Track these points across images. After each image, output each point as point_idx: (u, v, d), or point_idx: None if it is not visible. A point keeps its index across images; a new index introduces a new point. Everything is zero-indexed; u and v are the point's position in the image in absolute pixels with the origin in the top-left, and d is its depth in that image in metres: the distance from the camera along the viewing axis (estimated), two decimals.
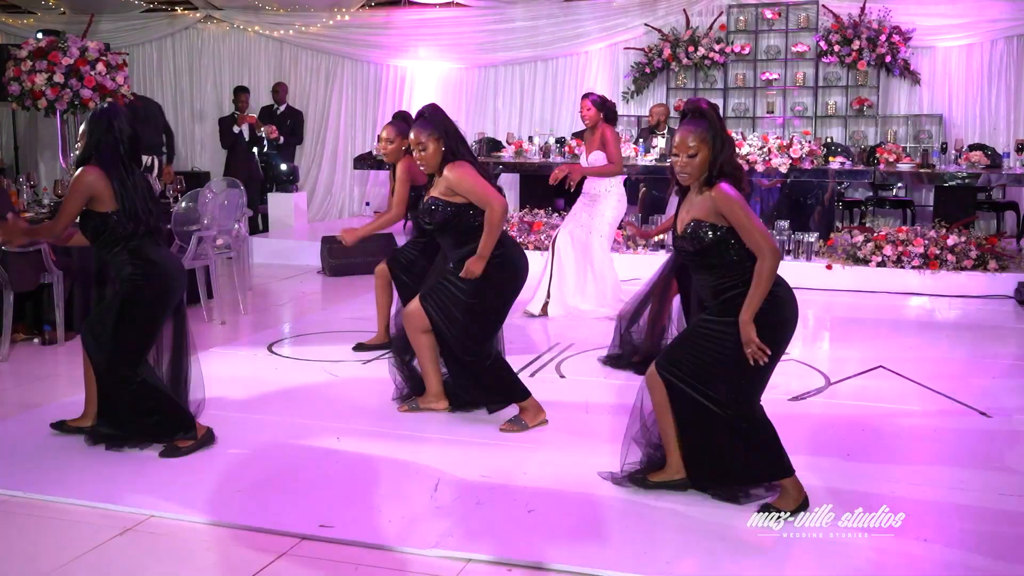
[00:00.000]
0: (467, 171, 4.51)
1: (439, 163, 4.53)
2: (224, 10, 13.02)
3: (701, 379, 3.62)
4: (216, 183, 7.56)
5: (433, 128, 4.52)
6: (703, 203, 3.57)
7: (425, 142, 4.50)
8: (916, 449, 4.62)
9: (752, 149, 9.26)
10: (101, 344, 4.22)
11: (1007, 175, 9.24)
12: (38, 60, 9.43)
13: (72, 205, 4.15)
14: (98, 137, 4.18)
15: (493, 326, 4.67)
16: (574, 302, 7.19)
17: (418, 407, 4.88)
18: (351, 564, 3.30)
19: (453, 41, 12.57)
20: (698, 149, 3.53)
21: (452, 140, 4.54)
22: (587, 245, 7.16)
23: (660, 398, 3.73)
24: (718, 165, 3.53)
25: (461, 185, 4.48)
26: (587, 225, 7.16)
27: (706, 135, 3.53)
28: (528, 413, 4.67)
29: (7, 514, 3.72)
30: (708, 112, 3.58)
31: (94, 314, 4.50)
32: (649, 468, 3.89)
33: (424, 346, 4.75)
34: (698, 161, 3.54)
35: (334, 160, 13.08)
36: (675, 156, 3.60)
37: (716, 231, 3.53)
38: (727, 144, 3.55)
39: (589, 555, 3.35)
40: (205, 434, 4.37)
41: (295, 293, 8.65)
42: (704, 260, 3.59)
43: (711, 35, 11.71)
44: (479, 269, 4.46)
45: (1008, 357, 6.54)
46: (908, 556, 3.37)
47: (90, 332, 4.31)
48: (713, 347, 3.60)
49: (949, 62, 11.37)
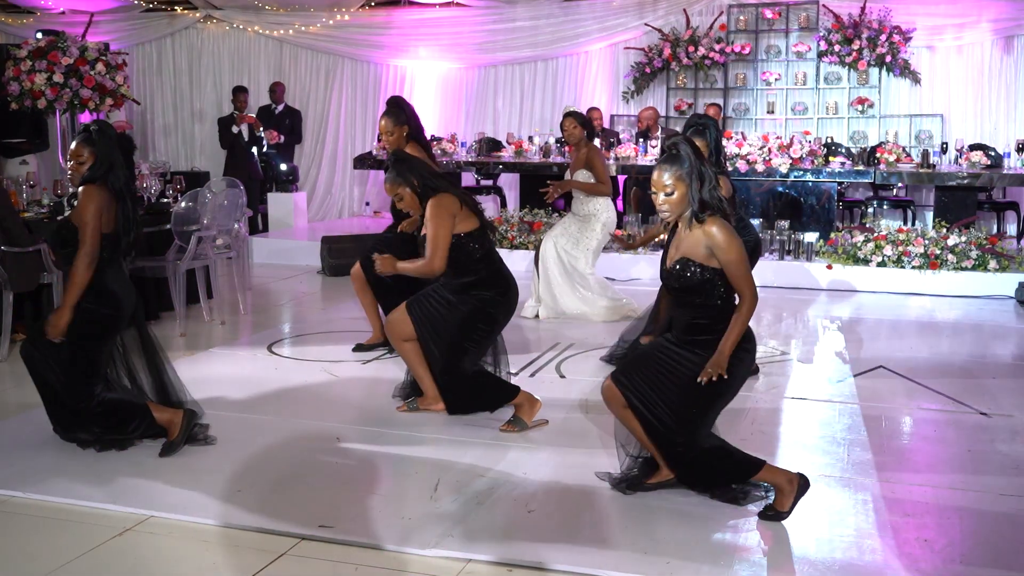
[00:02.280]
0: (437, 212, 4.53)
1: (420, 203, 4.62)
2: (224, 10, 13.02)
3: (650, 399, 3.65)
4: (216, 183, 7.57)
5: (400, 179, 4.62)
6: (694, 241, 3.58)
7: (400, 192, 4.64)
8: (916, 449, 4.62)
9: (752, 149, 9.25)
10: (52, 365, 4.22)
11: (1007, 175, 9.24)
12: (38, 60, 9.44)
13: (94, 229, 4.15)
14: (112, 159, 4.22)
15: (478, 352, 4.71)
16: (566, 306, 7.16)
17: (417, 408, 4.88)
18: (351, 564, 3.30)
19: (453, 41, 12.57)
20: (675, 187, 3.56)
21: (422, 180, 4.62)
22: (573, 260, 7.14)
23: (619, 408, 3.76)
24: (698, 200, 3.54)
25: (428, 224, 4.54)
26: (575, 238, 7.13)
27: (681, 172, 3.54)
28: (523, 409, 4.67)
29: (7, 514, 3.72)
30: (683, 149, 3.59)
31: (38, 336, 4.32)
32: (647, 471, 3.88)
33: (409, 352, 4.77)
34: (676, 198, 3.56)
35: (334, 160, 13.08)
36: (654, 194, 3.63)
37: (704, 272, 3.55)
38: (706, 179, 3.56)
39: (589, 556, 3.35)
40: (184, 416, 4.33)
41: (295, 293, 8.65)
42: (688, 298, 3.62)
43: (711, 35, 11.71)
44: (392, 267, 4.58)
45: (1008, 357, 6.54)
46: (908, 556, 3.37)
47: (38, 352, 4.26)
48: (669, 373, 3.64)
49: (949, 62, 11.37)
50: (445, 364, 4.64)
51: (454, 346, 4.61)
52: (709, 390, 3.56)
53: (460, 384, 4.69)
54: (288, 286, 8.92)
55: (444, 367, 4.65)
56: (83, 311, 4.19)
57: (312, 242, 9.79)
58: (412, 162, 4.73)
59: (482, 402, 4.77)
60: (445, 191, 4.61)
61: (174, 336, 6.54)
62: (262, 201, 11.52)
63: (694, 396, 3.58)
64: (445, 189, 4.63)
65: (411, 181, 4.61)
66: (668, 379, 3.63)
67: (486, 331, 4.68)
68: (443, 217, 4.53)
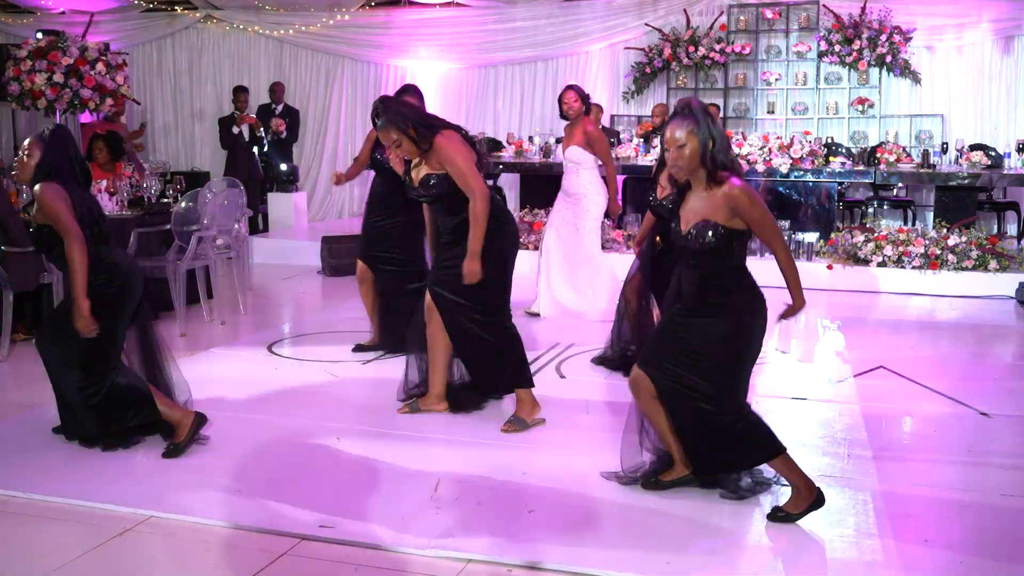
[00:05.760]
0: (457, 146, 4.47)
1: (413, 149, 4.50)
2: (224, 10, 13.02)
3: (688, 381, 3.63)
4: (216, 183, 7.56)
5: (392, 124, 4.47)
6: (713, 202, 3.55)
7: (397, 139, 4.48)
8: (916, 449, 4.62)
9: (752, 149, 9.25)
10: (69, 355, 4.22)
11: (1008, 175, 9.24)
12: (38, 60, 9.42)
13: (68, 216, 4.15)
14: (55, 156, 4.25)
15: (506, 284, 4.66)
16: (561, 296, 7.16)
17: (418, 408, 4.87)
18: (351, 564, 3.30)
19: (453, 41, 12.58)
20: (686, 140, 3.52)
21: (416, 121, 4.50)
22: (577, 247, 7.14)
23: (647, 398, 3.74)
24: (710, 157, 3.52)
25: (453, 163, 4.44)
26: (573, 224, 7.12)
27: (693, 127, 3.52)
28: (524, 406, 4.68)
29: (7, 514, 3.72)
30: (695, 107, 3.58)
31: (50, 329, 4.40)
32: (660, 468, 3.88)
33: (443, 344, 4.74)
34: (687, 153, 3.52)
35: (334, 160, 13.08)
36: (667, 151, 3.61)
37: (727, 232, 3.53)
38: (718, 136, 3.54)
39: (589, 555, 3.35)
40: (195, 420, 4.34)
41: (295, 293, 8.65)
42: (708, 260, 3.58)
43: (711, 35, 11.71)
44: (478, 268, 4.46)
45: (1008, 357, 6.54)
46: (908, 556, 3.37)
47: (52, 346, 4.29)
48: (697, 347, 3.62)
49: (949, 62, 11.37)
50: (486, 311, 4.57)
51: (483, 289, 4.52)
52: (740, 350, 3.59)
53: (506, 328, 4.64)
54: (288, 286, 8.92)
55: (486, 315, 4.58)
56: (94, 292, 4.16)
57: (312, 242, 9.79)
58: (401, 105, 4.62)
59: (509, 369, 4.68)
60: (444, 126, 4.53)
61: (174, 336, 6.53)
62: (262, 201, 11.52)
63: (728, 361, 3.59)
64: (444, 125, 4.54)
65: (405, 124, 4.47)
66: (698, 353, 3.60)
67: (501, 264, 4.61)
68: (461, 148, 4.47)
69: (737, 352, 3.61)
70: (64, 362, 4.26)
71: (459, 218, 4.54)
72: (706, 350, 3.60)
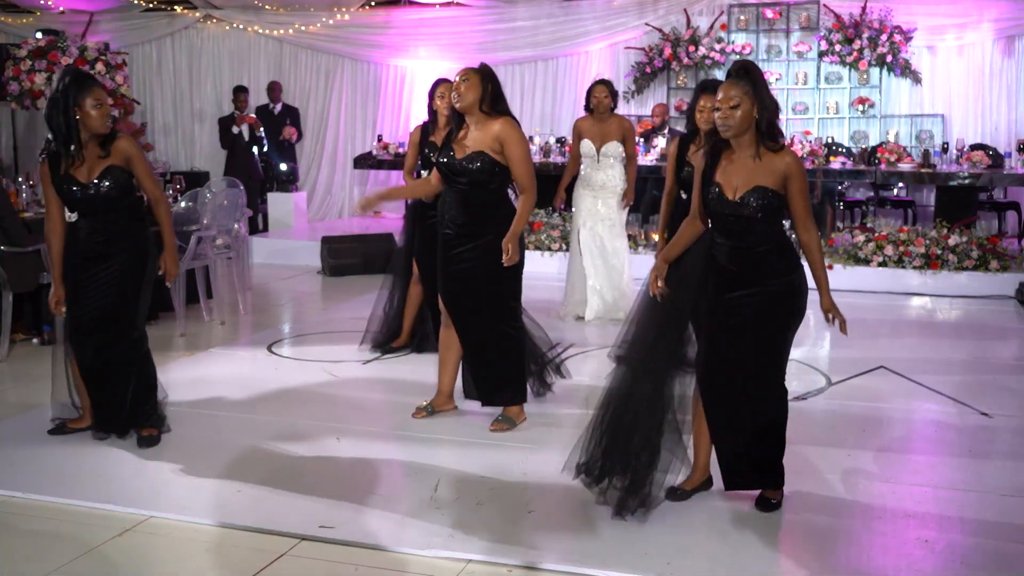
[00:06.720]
0: (523, 135, 4.45)
1: (475, 102, 4.39)
2: (224, 10, 13.01)
3: (745, 368, 3.62)
4: (216, 183, 7.56)
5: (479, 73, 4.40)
6: (766, 169, 3.52)
7: (469, 81, 4.37)
8: (916, 449, 4.62)
9: None
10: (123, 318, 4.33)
11: (1008, 175, 9.23)
12: (37, 60, 9.44)
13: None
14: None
15: (519, 287, 4.67)
16: (608, 297, 7.08)
17: (434, 411, 4.84)
18: (351, 564, 3.30)
19: (453, 41, 12.56)
20: (740, 100, 3.46)
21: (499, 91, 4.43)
22: (621, 244, 7.08)
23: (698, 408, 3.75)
24: (765, 121, 3.49)
25: (518, 147, 4.38)
26: (607, 219, 7.05)
27: (749, 88, 3.47)
28: (512, 408, 4.70)
29: (7, 514, 3.72)
30: (752, 70, 3.54)
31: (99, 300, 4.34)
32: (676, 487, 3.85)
33: (455, 346, 4.73)
34: (740, 113, 3.47)
35: (334, 160, 13.08)
36: (716, 111, 3.53)
37: (778, 197, 3.54)
38: (771, 103, 3.50)
39: (589, 556, 3.35)
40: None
41: (295, 293, 8.64)
42: (757, 226, 3.56)
43: (712, 35, 11.70)
44: (516, 249, 4.45)
45: (1009, 357, 6.54)
46: (908, 556, 3.37)
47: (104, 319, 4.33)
48: (741, 325, 3.60)
49: (950, 62, 11.36)
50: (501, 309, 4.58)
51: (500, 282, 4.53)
52: (784, 323, 3.66)
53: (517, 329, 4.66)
54: (288, 286, 8.91)
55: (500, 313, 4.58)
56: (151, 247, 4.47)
57: (312, 242, 9.78)
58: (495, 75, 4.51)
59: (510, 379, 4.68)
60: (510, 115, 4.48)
61: (174, 336, 6.53)
62: (262, 201, 11.51)
63: (773, 334, 3.63)
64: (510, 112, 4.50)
65: (487, 83, 4.38)
66: (743, 333, 3.60)
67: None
68: (524, 140, 4.46)
69: (783, 327, 3.67)
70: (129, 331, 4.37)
71: (472, 214, 4.48)
72: (755, 324, 3.59)
